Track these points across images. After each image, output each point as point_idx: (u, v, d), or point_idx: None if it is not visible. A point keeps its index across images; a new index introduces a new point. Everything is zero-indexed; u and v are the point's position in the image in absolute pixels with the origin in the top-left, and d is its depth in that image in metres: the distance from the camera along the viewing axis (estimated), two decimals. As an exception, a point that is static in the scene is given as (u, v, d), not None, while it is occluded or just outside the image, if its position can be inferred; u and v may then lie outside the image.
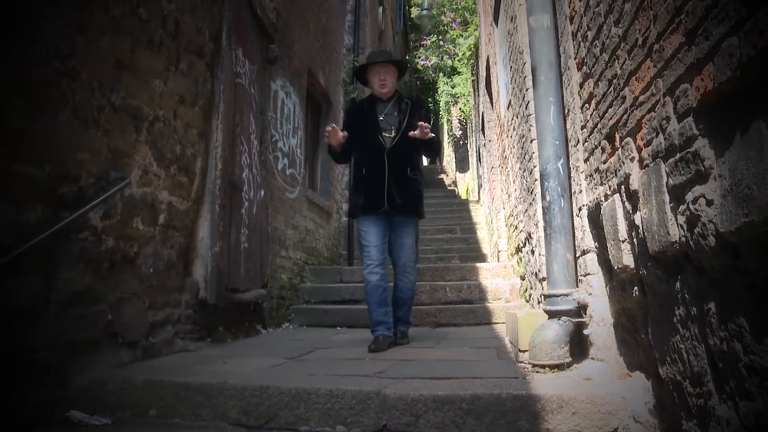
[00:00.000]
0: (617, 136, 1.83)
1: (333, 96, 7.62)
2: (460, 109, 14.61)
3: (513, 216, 5.33)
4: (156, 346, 2.92)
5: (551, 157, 2.60)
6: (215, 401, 2.13)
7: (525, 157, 3.94)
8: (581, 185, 2.44)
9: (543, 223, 2.69)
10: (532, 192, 3.60)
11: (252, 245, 4.26)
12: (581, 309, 2.42)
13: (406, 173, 3.58)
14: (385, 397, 2.01)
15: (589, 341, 2.40)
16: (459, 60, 12.05)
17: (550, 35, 2.70)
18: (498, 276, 5.75)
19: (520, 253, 4.92)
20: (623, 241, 1.81)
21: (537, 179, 3.00)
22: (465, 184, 16.15)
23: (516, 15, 4.05)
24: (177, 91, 3.20)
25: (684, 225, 1.27)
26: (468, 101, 12.99)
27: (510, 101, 4.86)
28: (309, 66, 6.39)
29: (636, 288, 1.77)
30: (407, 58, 16.24)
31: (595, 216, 2.19)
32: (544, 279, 3.03)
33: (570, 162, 2.61)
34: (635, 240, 1.69)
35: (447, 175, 19.86)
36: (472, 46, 10.42)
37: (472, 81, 11.47)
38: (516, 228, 5.09)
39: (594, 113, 2.14)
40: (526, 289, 4.59)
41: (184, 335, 3.27)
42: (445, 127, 20.13)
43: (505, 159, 5.78)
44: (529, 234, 3.95)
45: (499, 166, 6.85)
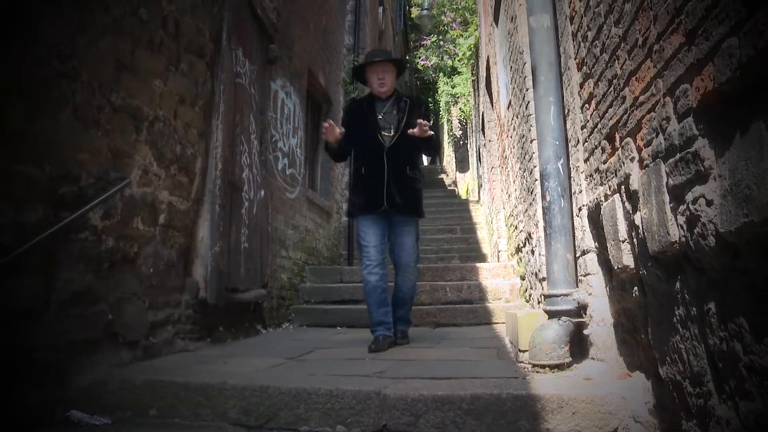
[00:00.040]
0: (617, 136, 1.83)
1: (333, 96, 7.62)
2: (460, 109, 14.62)
3: (513, 216, 5.33)
4: (156, 346, 2.92)
5: (551, 157, 2.60)
6: (215, 401, 2.13)
7: (525, 157, 3.94)
8: (581, 185, 2.44)
9: (543, 223, 2.69)
10: (532, 192, 3.60)
11: (252, 245, 4.27)
12: (581, 309, 2.42)
13: (405, 172, 3.57)
14: (385, 397, 2.01)
15: (589, 341, 2.40)
16: (459, 60, 12.06)
17: (550, 35, 2.70)
18: (498, 276, 5.75)
19: (520, 253, 4.92)
20: (623, 241, 1.81)
21: (537, 179, 3.00)
22: (465, 184, 16.16)
23: (516, 15, 4.05)
24: (177, 91, 3.21)
25: (684, 225, 1.27)
26: (468, 101, 13.00)
27: (510, 101, 4.86)
28: (309, 66, 6.39)
29: (636, 288, 1.77)
30: (407, 58, 16.25)
31: (595, 216, 2.19)
32: (544, 279, 3.03)
33: (570, 162, 2.61)
34: (635, 240, 1.69)
35: (447, 175, 19.86)
36: (472, 46, 10.42)
37: (472, 81, 11.48)
38: (516, 228, 5.09)
39: (594, 113, 2.14)
40: (526, 289, 4.59)
41: (184, 335, 3.27)
42: (445, 127, 20.14)
43: (505, 159, 5.78)
44: (529, 234, 3.95)
45: (499, 166, 6.85)
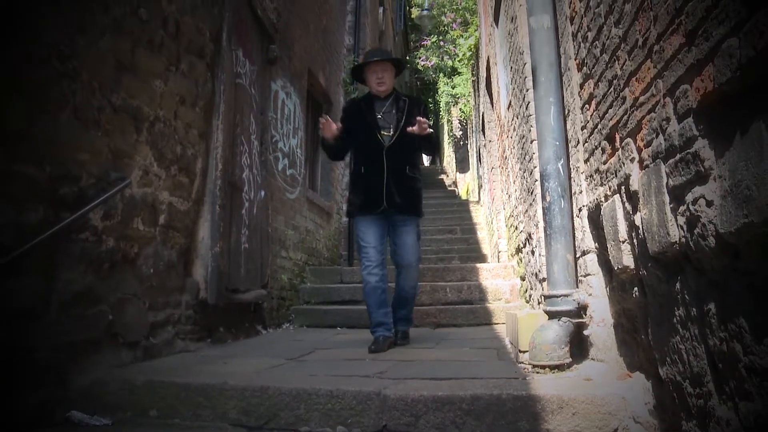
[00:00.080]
0: (617, 136, 1.83)
1: (333, 96, 7.63)
2: (460, 110, 14.63)
3: (513, 216, 5.33)
4: (156, 346, 2.92)
5: (551, 158, 2.60)
6: (216, 402, 2.13)
7: (525, 158, 3.94)
8: (581, 186, 2.44)
9: (543, 224, 2.69)
10: (532, 192, 3.60)
11: (252, 246, 4.27)
12: (581, 309, 2.42)
13: (405, 171, 3.55)
14: (386, 398, 2.01)
15: (589, 342, 2.40)
16: (459, 60, 12.07)
17: (550, 36, 2.70)
18: (498, 276, 5.75)
19: (520, 254, 4.92)
20: (623, 242, 1.81)
21: (537, 180, 3.00)
22: (465, 184, 16.16)
23: (516, 15, 4.05)
24: (177, 92, 3.21)
25: (684, 226, 1.27)
26: (468, 102, 13.01)
27: (510, 102, 4.86)
28: (309, 66, 6.39)
29: (636, 289, 1.77)
30: (408, 58, 16.26)
31: (596, 216, 2.19)
32: (544, 279, 3.03)
33: (570, 163, 2.61)
34: (635, 241, 1.69)
35: (447, 176, 19.87)
36: (472, 46, 10.43)
37: (472, 81, 11.48)
38: (516, 228, 5.09)
39: (594, 114, 2.14)
40: (526, 290, 4.59)
41: (184, 336, 3.27)
42: (446, 128, 20.15)
43: (506, 159, 5.78)
44: (530, 234, 3.95)
45: (500, 166, 6.85)
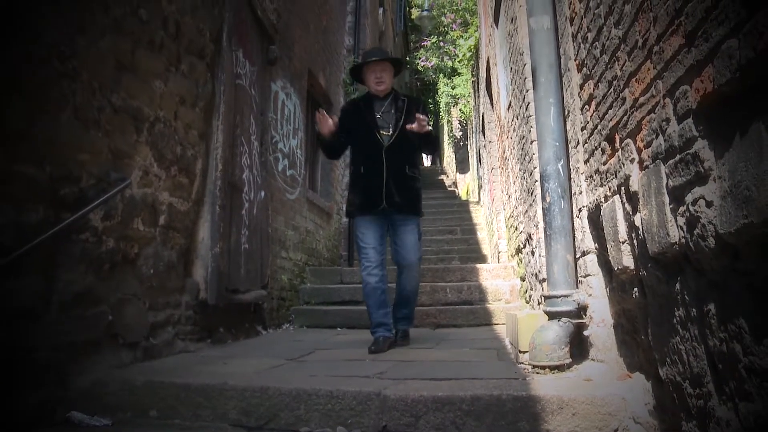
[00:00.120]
0: (617, 137, 1.83)
1: (333, 97, 7.63)
2: (460, 110, 14.63)
3: (513, 217, 5.33)
4: (156, 347, 2.92)
5: (551, 159, 2.60)
6: (216, 402, 2.13)
7: (525, 159, 3.94)
8: (581, 186, 2.44)
9: (543, 224, 2.69)
10: (532, 193, 3.60)
11: (252, 246, 4.27)
12: (581, 310, 2.42)
13: (404, 171, 3.53)
14: (386, 398, 2.01)
15: (589, 342, 2.40)
16: (459, 61, 12.09)
17: (550, 37, 2.70)
18: (498, 277, 5.75)
19: (520, 254, 4.92)
20: (623, 243, 1.81)
21: (537, 180, 3.00)
22: (465, 185, 16.17)
23: (516, 16, 4.05)
24: (177, 92, 3.21)
25: (684, 226, 1.27)
26: (468, 102, 13.01)
27: (510, 102, 4.86)
28: (309, 67, 6.39)
29: (636, 289, 1.77)
30: (407, 59, 16.27)
31: (595, 217, 2.19)
32: (544, 280, 3.03)
33: (570, 163, 2.61)
34: (635, 241, 1.69)
35: (447, 176, 19.87)
36: (472, 47, 10.43)
37: (472, 82, 11.49)
38: (516, 229, 5.09)
39: (594, 115, 2.14)
40: (526, 290, 4.59)
41: (184, 336, 3.27)
42: (446, 128, 20.15)
43: (506, 160, 5.79)
44: (530, 235, 3.95)
45: (500, 167, 6.85)
